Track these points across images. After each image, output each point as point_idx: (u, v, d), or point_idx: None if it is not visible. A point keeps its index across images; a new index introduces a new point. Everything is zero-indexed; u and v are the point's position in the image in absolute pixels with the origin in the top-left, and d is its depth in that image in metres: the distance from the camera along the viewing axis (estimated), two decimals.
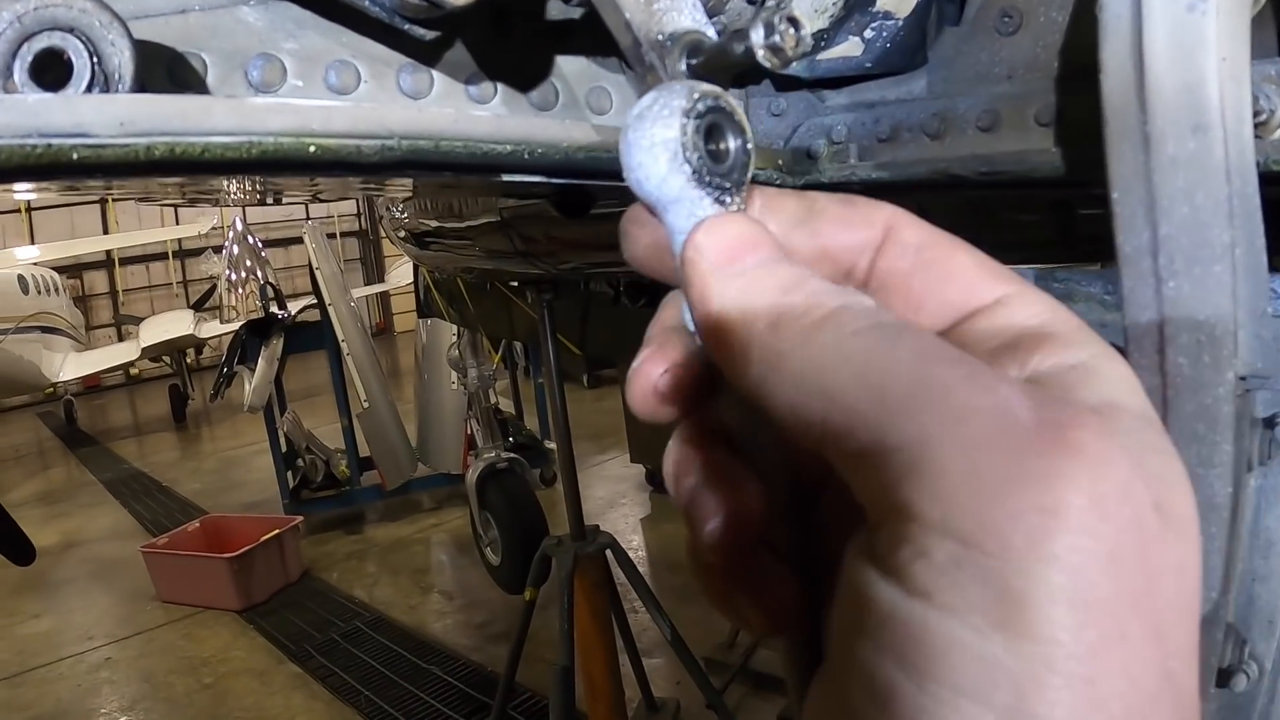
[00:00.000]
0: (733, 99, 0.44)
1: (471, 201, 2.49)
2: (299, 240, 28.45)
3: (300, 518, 9.41)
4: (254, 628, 8.01)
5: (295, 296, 12.79)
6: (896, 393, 0.34)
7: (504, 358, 8.31)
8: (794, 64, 0.44)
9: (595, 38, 0.74)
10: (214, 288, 22.33)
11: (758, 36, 0.43)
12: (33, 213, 27.06)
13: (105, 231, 28.11)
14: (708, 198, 0.43)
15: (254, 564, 8.45)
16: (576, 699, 4.30)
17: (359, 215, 35.57)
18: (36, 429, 23.01)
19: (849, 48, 0.80)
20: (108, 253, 29.03)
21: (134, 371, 27.03)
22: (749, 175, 0.44)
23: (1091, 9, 0.56)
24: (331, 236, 23.38)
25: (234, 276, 12.87)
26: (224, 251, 13.54)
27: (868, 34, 0.80)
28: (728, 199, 0.43)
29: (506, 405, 10.57)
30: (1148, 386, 0.53)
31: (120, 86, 0.52)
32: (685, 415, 0.48)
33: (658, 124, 0.42)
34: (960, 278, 0.44)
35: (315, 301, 10.56)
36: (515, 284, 4.25)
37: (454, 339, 7.29)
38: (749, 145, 0.44)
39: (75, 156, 0.48)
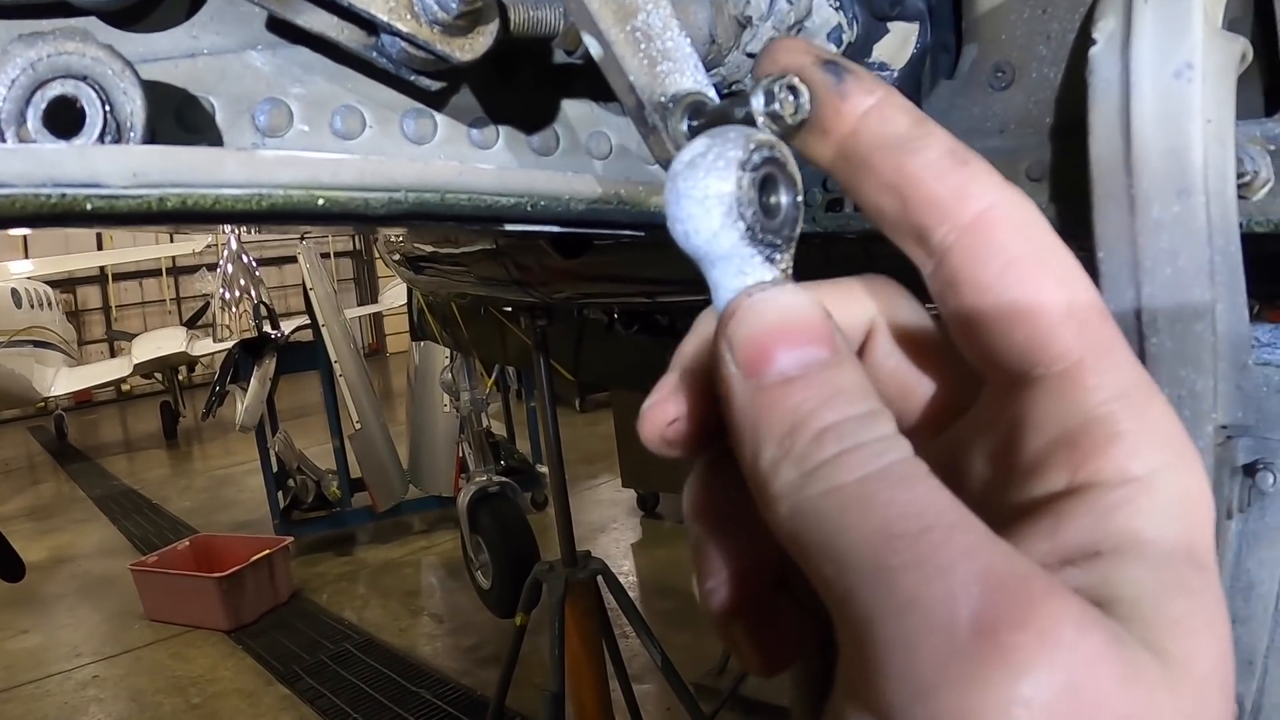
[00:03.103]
0: (786, 149, 0.41)
1: (465, 230, 2.51)
2: (293, 259, 28.38)
3: (290, 538, 9.40)
4: (243, 648, 8.00)
5: (288, 315, 12.80)
6: (854, 570, 0.33)
7: (496, 381, 8.29)
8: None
9: (596, 83, 0.75)
10: (207, 305, 22.34)
11: (758, 104, 0.42)
12: None
13: (99, 247, 28.06)
14: (758, 255, 0.40)
15: (243, 584, 8.43)
16: None
17: (353, 236, 35.55)
18: (26, 443, 22.96)
19: None
20: (101, 268, 29.01)
21: (125, 388, 27.01)
22: (798, 231, 0.42)
23: (1084, 68, 0.58)
24: (325, 256, 23.39)
25: (228, 295, 12.86)
26: (218, 270, 13.54)
27: None
28: (777, 256, 0.41)
29: (498, 428, 10.56)
30: None
31: (132, 135, 0.53)
32: (703, 453, 0.46)
33: (712, 175, 0.40)
34: (1037, 323, 0.39)
35: (308, 321, 10.57)
36: (509, 309, 4.25)
37: (447, 362, 7.30)
38: (800, 200, 0.42)
39: (89, 207, 0.49)
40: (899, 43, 0.81)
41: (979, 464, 0.42)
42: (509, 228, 0.61)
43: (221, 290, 13.03)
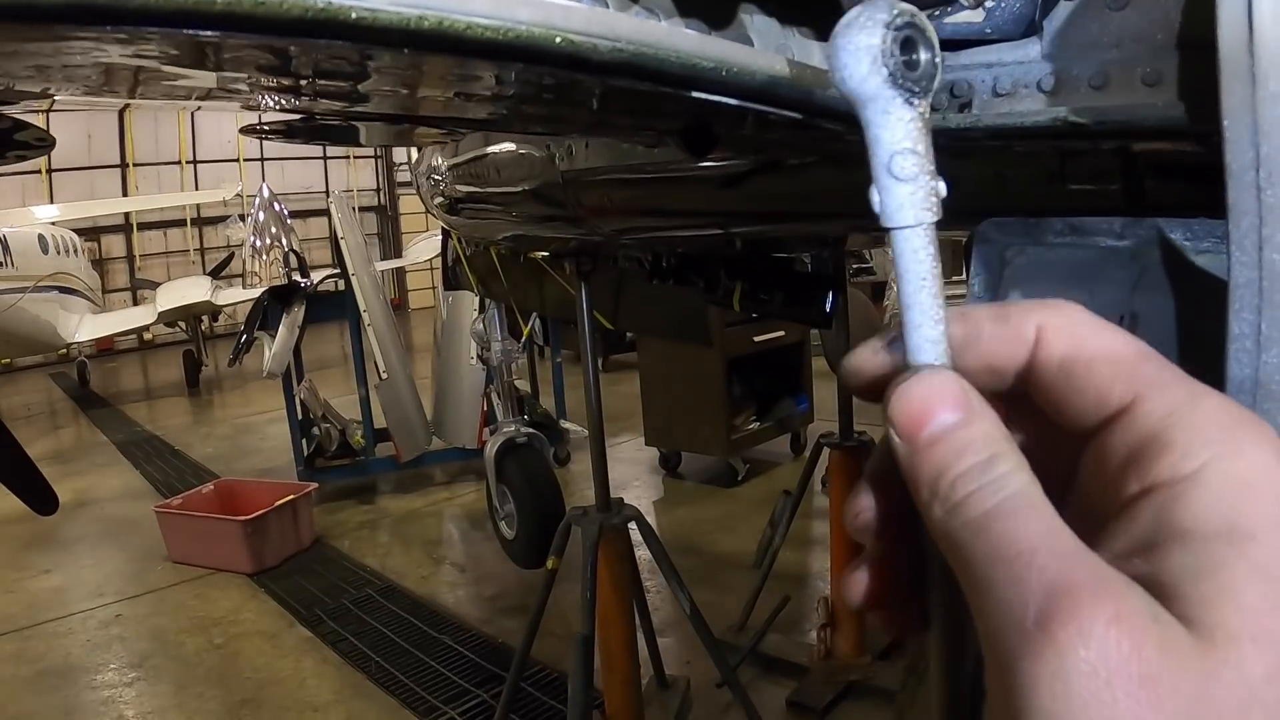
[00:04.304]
0: (926, 19, 0.51)
1: (524, 166, 2.54)
2: (317, 213, 28.29)
3: (315, 485, 9.45)
4: (265, 591, 8.08)
5: (312, 268, 12.83)
6: (978, 580, 0.45)
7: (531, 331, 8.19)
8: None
9: None
10: (231, 255, 22.42)
11: None
12: (53, 174, 27.11)
13: (124, 193, 28.14)
14: (899, 98, 0.50)
15: (267, 528, 8.52)
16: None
17: (378, 190, 35.59)
18: (49, 389, 23.11)
19: (971, 15, 0.89)
20: (126, 217, 29.06)
21: (147, 337, 27.16)
22: (935, 84, 0.51)
23: None
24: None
25: (259, 243, 12.90)
26: (249, 218, 13.56)
27: (989, 3, 0.89)
28: (915, 100, 0.50)
29: (522, 385, 10.61)
30: (1246, 280, 0.66)
31: None
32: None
33: (863, 32, 0.49)
34: (1094, 388, 0.51)
35: (335, 272, 10.62)
36: (546, 255, 4.27)
37: (475, 313, 7.30)
38: (937, 59, 0.51)
39: (354, 16, 0.52)
40: None
41: (1089, 489, 0.53)
42: (696, 95, 0.66)
43: (252, 238, 13.06)
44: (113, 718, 6.24)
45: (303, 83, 0.74)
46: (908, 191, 0.50)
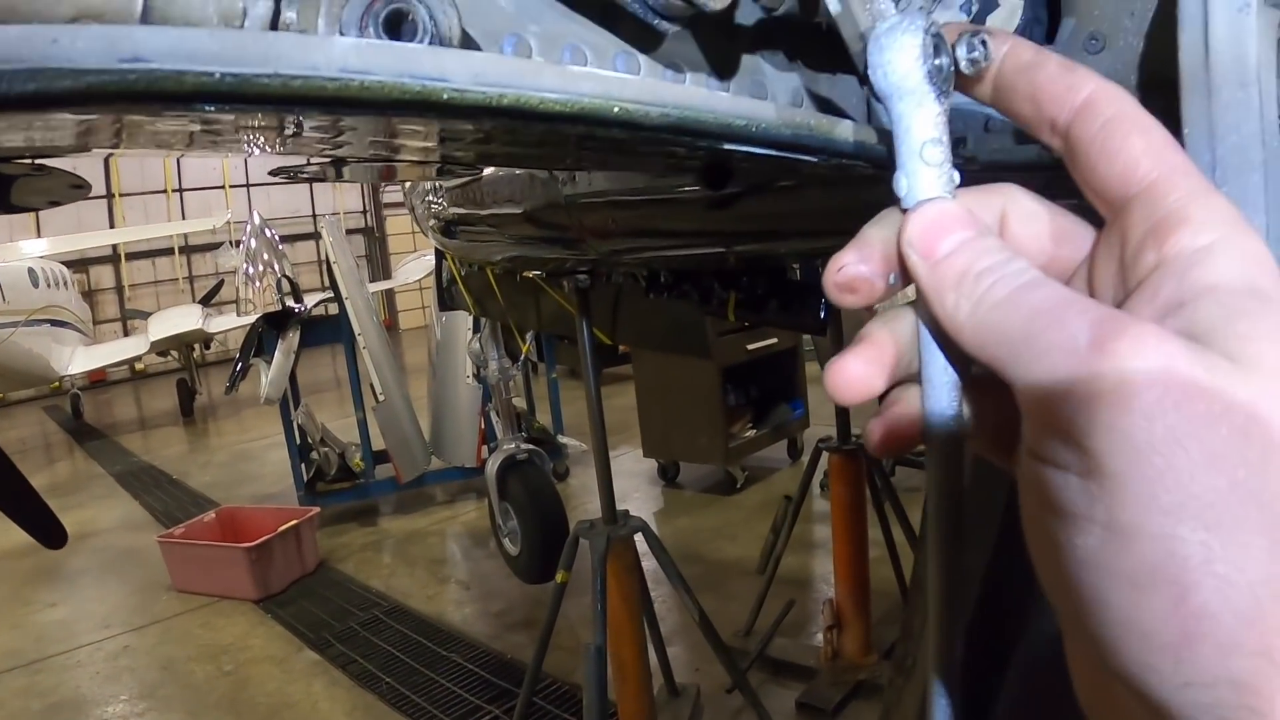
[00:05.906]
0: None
1: (524, 189, 2.61)
2: (305, 237, 28.23)
3: (317, 509, 9.48)
4: (272, 617, 8.11)
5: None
6: (1018, 345, 0.49)
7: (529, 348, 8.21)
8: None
9: (763, 37, 0.87)
10: (221, 283, 22.46)
11: (961, 51, 0.60)
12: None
13: (111, 225, 28.17)
14: (933, 92, 0.57)
15: (272, 554, 8.55)
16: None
17: (364, 212, 35.65)
18: (42, 423, 23.10)
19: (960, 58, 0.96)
20: (114, 248, 29.10)
21: (139, 367, 27.20)
22: (952, 85, 0.59)
23: (1160, 36, 0.79)
24: None
25: (251, 270, 12.96)
26: (242, 245, 13.62)
27: (974, 54, 0.97)
28: (942, 99, 0.57)
29: (518, 402, 10.65)
30: None
31: (450, 46, 0.63)
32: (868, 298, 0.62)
33: (908, 33, 0.57)
34: (1125, 158, 0.55)
35: (328, 296, 10.67)
36: (543, 274, 4.33)
37: (470, 333, 7.34)
38: (954, 67, 0.59)
39: (445, 97, 0.59)
40: (1007, 15, 0.95)
41: (1107, 270, 0.57)
42: (727, 146, 0.74)
43: (245, 265, 13.13)
44: None
45: (389, 146, 0.82)
46: (934, 175, 0.56)
